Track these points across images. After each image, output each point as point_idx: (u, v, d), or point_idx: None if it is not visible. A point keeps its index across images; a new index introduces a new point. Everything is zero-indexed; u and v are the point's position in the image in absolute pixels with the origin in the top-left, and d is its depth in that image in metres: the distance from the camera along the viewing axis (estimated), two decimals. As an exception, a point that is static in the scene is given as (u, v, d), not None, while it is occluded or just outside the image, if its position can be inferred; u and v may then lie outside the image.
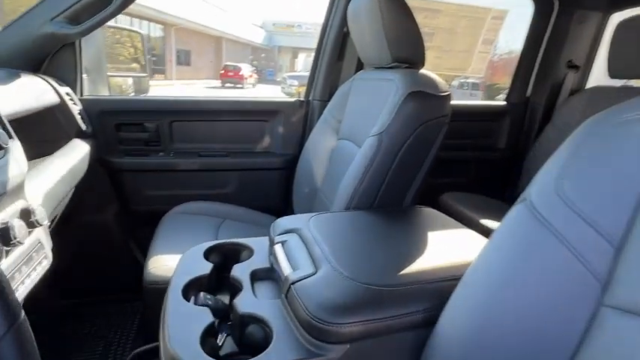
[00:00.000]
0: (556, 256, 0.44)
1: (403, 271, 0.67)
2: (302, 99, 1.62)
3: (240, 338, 0.64)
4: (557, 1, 1.77)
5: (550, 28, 1.81)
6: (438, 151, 1.01)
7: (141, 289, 1.02)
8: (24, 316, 0.38)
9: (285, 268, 0.69)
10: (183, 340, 0.57)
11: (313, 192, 1.39)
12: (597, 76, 1.85)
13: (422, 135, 0.98)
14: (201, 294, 0.68)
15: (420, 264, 0.70)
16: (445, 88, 1.03)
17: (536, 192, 0.49)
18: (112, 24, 1.41)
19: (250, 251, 0.85)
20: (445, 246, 0.79)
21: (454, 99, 1.10)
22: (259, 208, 1.53)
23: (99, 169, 1.42)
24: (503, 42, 6.76)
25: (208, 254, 0.84)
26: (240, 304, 0.65)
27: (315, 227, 0.81)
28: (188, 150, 1.54)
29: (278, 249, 0.76)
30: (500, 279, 0.49)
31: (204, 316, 0.62)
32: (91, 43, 1.41)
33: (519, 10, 1.98)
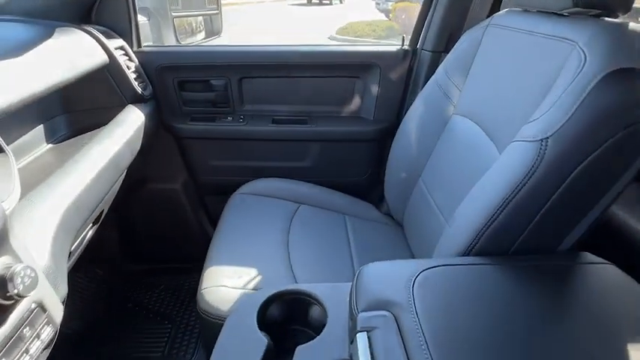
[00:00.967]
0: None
1: None
2: (406, 46, 1.21)
3: None
4: None
5: None
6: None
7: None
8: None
9: None
10: None
11: (412, 178, 1.06)
12: None
13: (618, 147, 0.57)
14: None
15: None
16: None
17: None
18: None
19: (322, 310, 0.59)
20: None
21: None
22: (343, 188, 1.25)
23: (163, 134, 1.24)
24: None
25: (266, 307, 0.60)
26: None
27: (421, 303, 0.52)
28: (260, 113, 1.27)
29: (361, 343, 0.49)
30: None
31: None
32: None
33: None
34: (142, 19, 1.18)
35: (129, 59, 1.09)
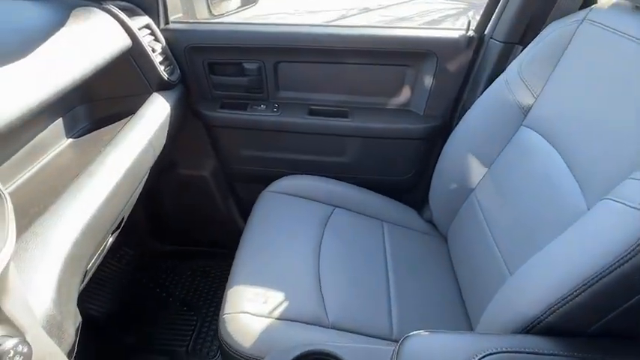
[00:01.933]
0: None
1: None
2: (472, 32, 1.02)
3: None
4: None
5: None
6: None
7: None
8: None
9: None
10: None
11: (463, 190, 0.93)
12: None
13: None
14: None
15: None
16: None
17: None
18: None
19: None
20: None
21: None
22: (382, 188, 1.13)
23: (192, 119, 1.15)
24: None
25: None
26: None
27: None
28: (296, 102, 1.14)
29: None
30: None
31: None
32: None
33: None
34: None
35: (155, 39, 0.98)
